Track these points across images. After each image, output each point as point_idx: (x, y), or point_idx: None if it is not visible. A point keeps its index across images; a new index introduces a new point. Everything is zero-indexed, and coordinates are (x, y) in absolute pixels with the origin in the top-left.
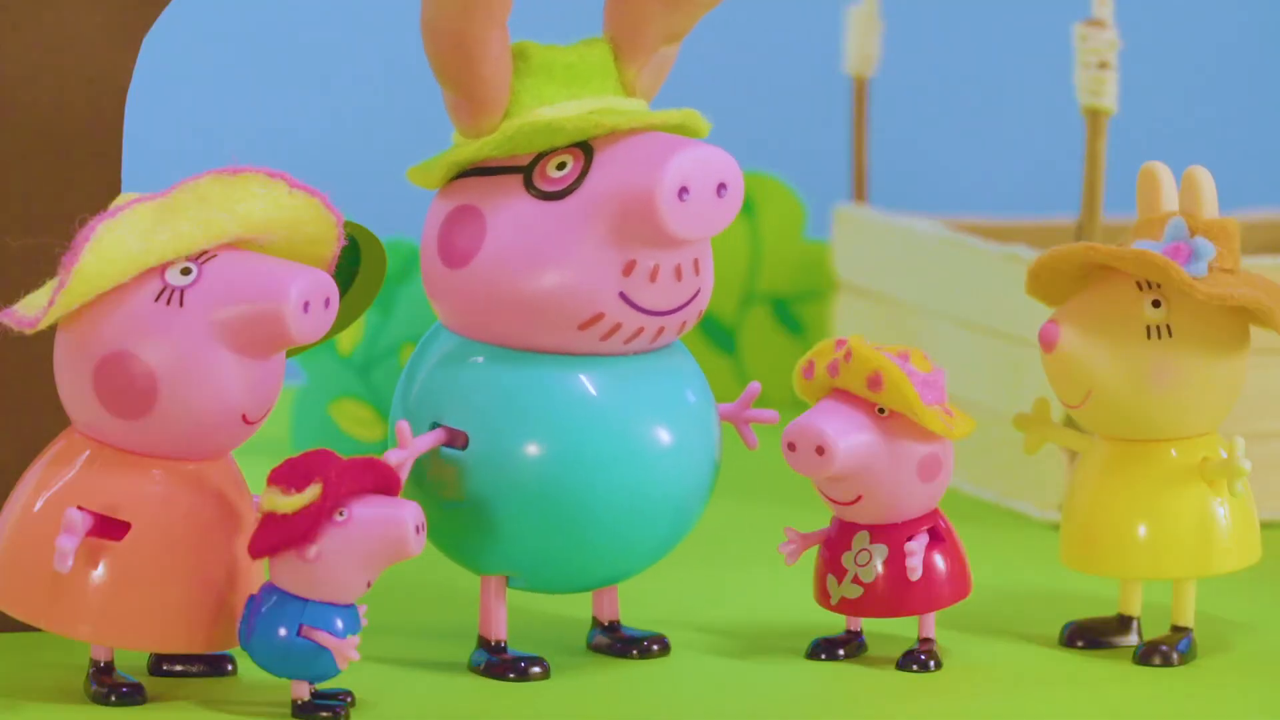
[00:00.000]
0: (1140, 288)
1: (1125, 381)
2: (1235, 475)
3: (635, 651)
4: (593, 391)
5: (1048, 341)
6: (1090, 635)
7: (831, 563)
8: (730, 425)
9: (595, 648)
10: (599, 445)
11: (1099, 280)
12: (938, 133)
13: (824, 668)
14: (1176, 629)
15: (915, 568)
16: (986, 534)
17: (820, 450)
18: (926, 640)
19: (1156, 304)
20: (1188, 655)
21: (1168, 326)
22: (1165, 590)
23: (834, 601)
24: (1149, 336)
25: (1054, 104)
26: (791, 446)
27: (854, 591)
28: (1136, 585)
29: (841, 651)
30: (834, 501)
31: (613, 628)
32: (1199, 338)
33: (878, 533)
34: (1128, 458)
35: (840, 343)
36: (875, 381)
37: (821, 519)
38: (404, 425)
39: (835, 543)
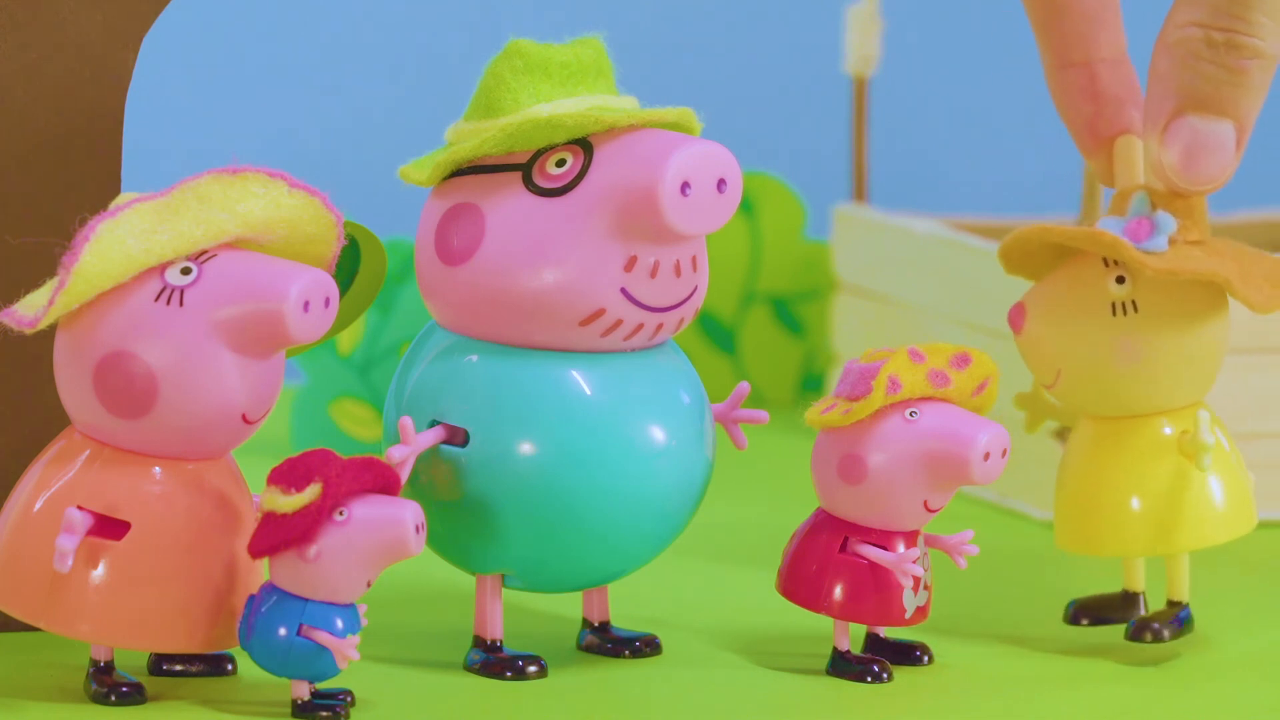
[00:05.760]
0: (1106, 264)
1: (1091, 360)
2: (1199, 450)
3: (627, 652)
4: (587, 391)
5: (1014, 325)
6: (1094, 613)
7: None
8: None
9: (586, 648)
10: (593, 444)
11: (1069, 258)
12: (938, 133)
13: (817, 669)
14: (1172, 604)
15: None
16: (986, 534)
17: (1005, 453)
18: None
19: (1120, 280)
20: (1184, 630)
21: (1133, 303)
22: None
23: (909, 614)
24: (1114, 313)
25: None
26: (988, 456)
27: (924, 597)
28: (1138, 560)
29: (926, 658)
30: (932, 510)
31: (603, 628)
32: (1166, 312)
33: (926, 538)
34: (1114, 435)
35: (917, 354)
36: (982, 387)
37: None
38: (407, 421)
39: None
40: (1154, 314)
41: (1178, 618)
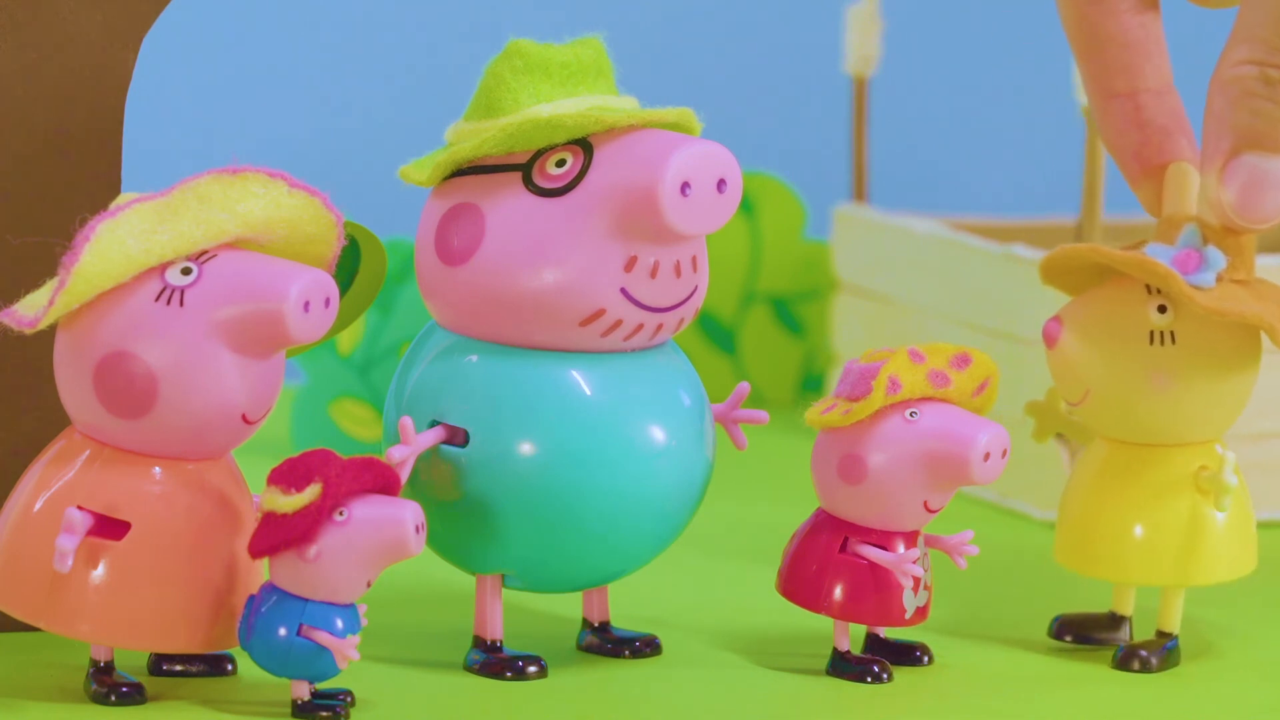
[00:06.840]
0: (1149, 291)
1: (1123, 385)
2: (1220, 492)
3: (627, 652)
4: (588, 391)
5: (1049, 339)
6: (1078, 630)
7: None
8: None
9: (586, 648)
10: (593, 444)
11: (1111, 278)
12: (938, 133)
13: (817, 669)
14: (1161, 634)
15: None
16: (986, 534)
17: (1005, 453)
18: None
19: (1162, 309)
20: (1168, 661)
21: (1171, 333)
22: (1157, 593)
23: (909, 615)
24: (1151, 342)
25: (1054, 104)
26: (988, 456)
27: (924, 598)
28: (1130, 585)
29: (926, 658)
30: (932, 510)
31: (603, 628)
32: (1204, 346)
33: (927, 539)
34: (1126, 460)
35: (917, 354)
36: (983, 387)
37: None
38: (407, 421)
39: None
40: (1191, 347)
41: (1165, 647)
